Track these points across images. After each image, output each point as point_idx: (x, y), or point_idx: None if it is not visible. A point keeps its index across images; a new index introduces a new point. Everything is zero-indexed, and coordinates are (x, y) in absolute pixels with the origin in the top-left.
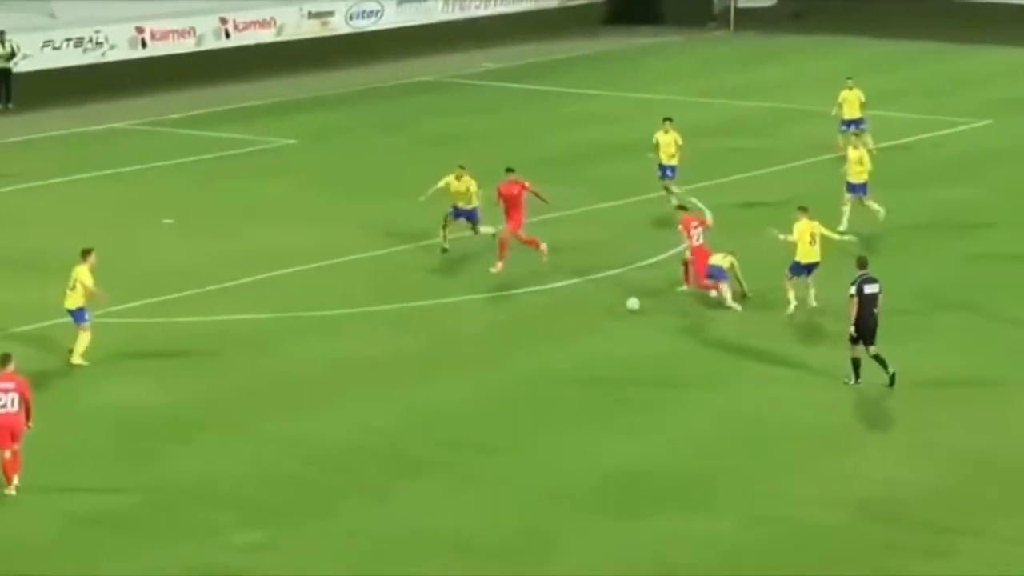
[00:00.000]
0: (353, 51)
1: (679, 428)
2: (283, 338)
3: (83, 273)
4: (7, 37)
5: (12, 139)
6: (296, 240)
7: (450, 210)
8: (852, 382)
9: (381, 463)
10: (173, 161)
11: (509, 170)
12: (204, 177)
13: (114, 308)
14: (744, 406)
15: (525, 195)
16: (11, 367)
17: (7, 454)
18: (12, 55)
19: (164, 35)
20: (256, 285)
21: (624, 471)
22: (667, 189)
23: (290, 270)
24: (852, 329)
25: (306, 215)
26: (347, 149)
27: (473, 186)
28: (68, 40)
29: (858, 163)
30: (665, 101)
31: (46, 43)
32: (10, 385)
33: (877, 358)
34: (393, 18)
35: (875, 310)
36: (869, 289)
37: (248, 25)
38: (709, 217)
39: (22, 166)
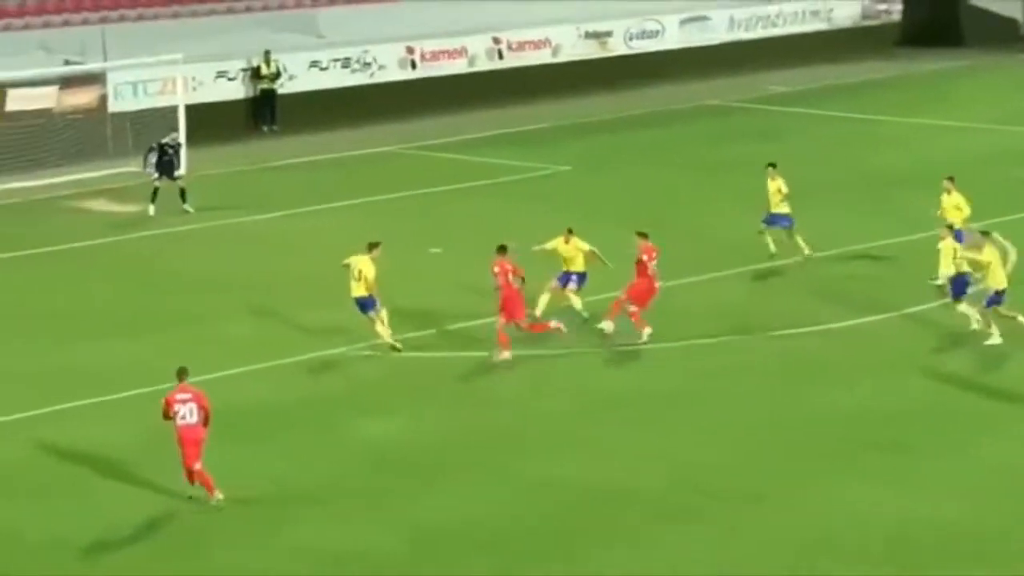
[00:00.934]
0: (632, 73)
1: (954, 478)
2: (541, 373)
3: (365, 263)
4: (273, 57)
5: (275, 163)
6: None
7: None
8: None
9: (641, 508)
10: (442, 188)
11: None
12: (474, 204)
13: (376, 341)
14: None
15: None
16: (186, 379)
17: (197, 466)
18: (277, 75)
19: (435, 55)
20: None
21: (899, 521)
22: (789, 236)
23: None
24: None
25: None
26: (623, 177)
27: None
28: (335, 60)
29: None
30: (964, 128)
31: (313, 63)
32: (187, 396)
33: None
34: (675, 39)
35: None
36: None
37: (522, 45)
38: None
39: (286, 190)
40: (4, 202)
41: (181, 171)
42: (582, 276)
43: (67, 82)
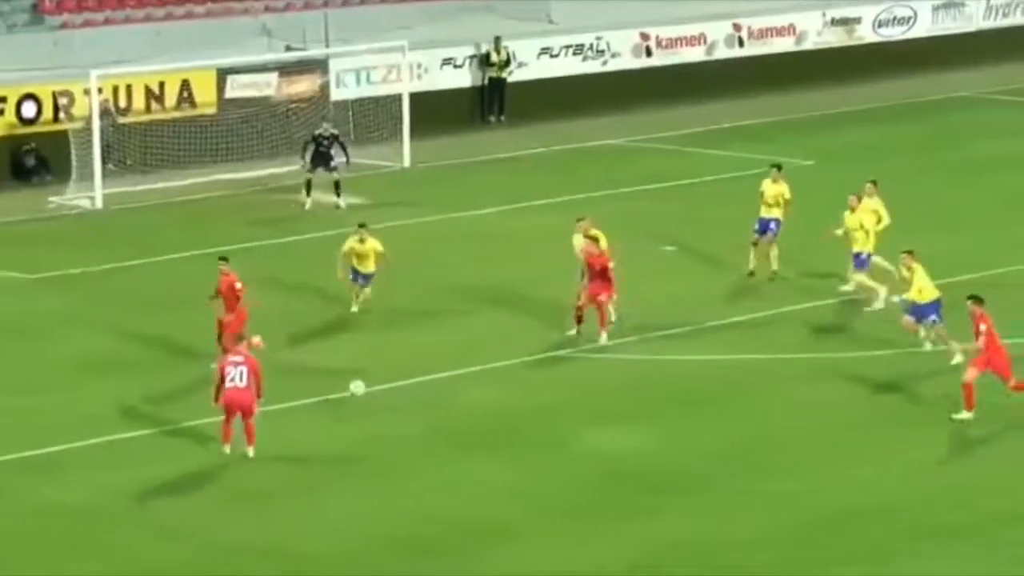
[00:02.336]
0: (881, 62)
1: None
2: (778, 383)
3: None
4: (503, 44)
5: (501, 155)
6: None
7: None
8: None
9: (885, 528)
10: (677, 182)
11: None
12: (711, 201)
13: (609, 343)
14: None
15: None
16: (244, 345)
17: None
18: (507, 63)
19: (671, 43)
20: (753, 323)
21: None
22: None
23: (787, 308)
24: None
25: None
26: (869, 173)
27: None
28: (567, 47)
29: None
30: None
31: (543, 50)
32: (239, 359)
33: None
34: (927, 26)
35: None
36: None
37: (764, 32)
38: None
39: (511, 183)
40: (222, 193)
41: (338, 163)
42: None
43: (288, 69)
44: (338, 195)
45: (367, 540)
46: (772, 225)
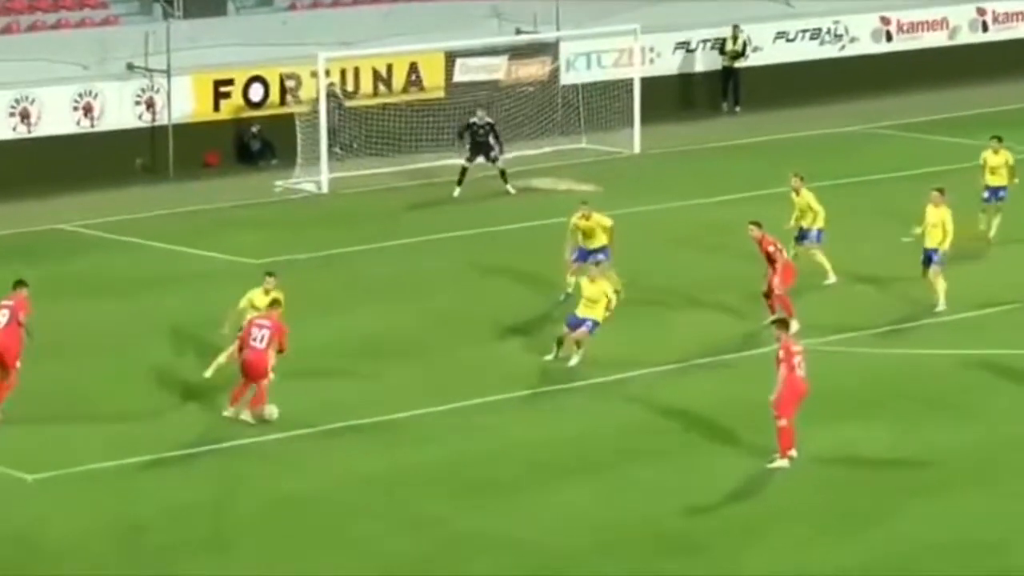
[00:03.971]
0: None
1: None
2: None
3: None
4: (740, 31)
5: (734, 142)
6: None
7: None
8: None
9: None
10: (914, 171)
11: None
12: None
13: (849, 335)
14: None
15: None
16: (277, 311)
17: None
18: (742, 53)
19: (913, 27)
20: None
21: None
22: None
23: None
24: None
25: None
26: None
27: None
28: (804, 32)
29: None
30: None
31: (779, 35)
32: (266, 323)
33: None
34: None
35: None
36: None
37: (1010, 17)
38: None
39: (743, 172)
40: (450, 178)
41: (496, 153)
42: None
43: (518, 52)
44: (506, 182)
45: (600, 533)
46: (1001, 193)
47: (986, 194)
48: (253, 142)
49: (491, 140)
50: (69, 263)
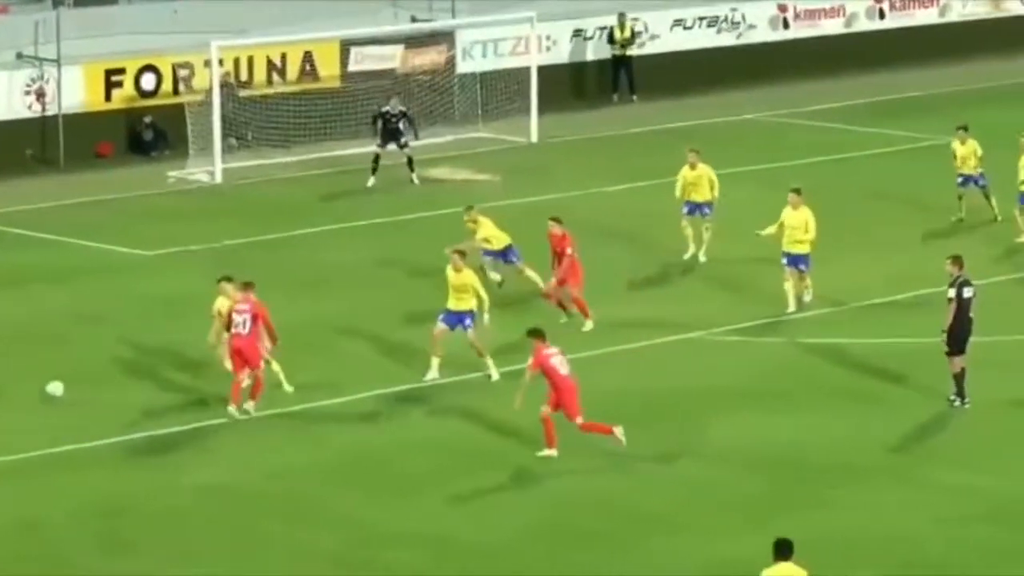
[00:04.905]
0: None
1: None
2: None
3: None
4: (628, 18)
5: (630, 130)
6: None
7: None
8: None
9: None
10: (816, 159)
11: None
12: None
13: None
14: None
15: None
16: (251, 292)
17: (244, 380)
18: (631, 40)
19: (810, 14)
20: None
21: None
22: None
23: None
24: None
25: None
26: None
27: None
28: (701, 19)
29: None
30: None
31: (676, 22)
32: (245, 307)
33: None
34: None
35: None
36: (967, 293)
37: (906, 4)
38: None
39: (639, 160)
40: (347, 167)
41: (408, 139)
42: None
43: (413, 41)
44: (412, 171)
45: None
46: (981, 181)
47: (960, 179)
48: (146, 132)
49: (402, 127)
50: None
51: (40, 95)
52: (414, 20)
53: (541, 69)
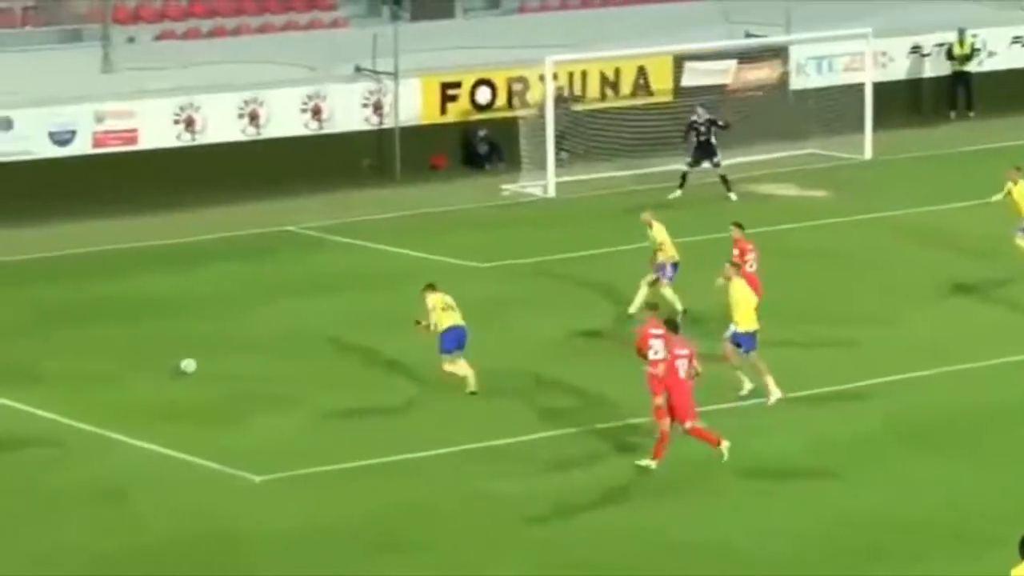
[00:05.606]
0: None
1: None
2: None
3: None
4: (968, 34)
5: (964, 148)
6: None
7: None
8: None
9: None
10: None
11: None
12: None
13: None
14: None
15: None
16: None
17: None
18: (971, 56)
19: None
20: None
21: None
22: None
23: None
24: None
25: None
26: None
27: None
28: None
29: None
30: None
31: (1015, 39)
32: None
33: None
34: None
35: None
36: None
37: None
38: None
39: (976, 178)
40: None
41: (720, 159)
42: None
43: (746, 56)
44: (728, 189)
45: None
46: None
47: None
48: (480, 145)
49: (713, 139)
50: (297, 264)
51: (377, 108)
52: (748, 36)
53: (876, 85)
